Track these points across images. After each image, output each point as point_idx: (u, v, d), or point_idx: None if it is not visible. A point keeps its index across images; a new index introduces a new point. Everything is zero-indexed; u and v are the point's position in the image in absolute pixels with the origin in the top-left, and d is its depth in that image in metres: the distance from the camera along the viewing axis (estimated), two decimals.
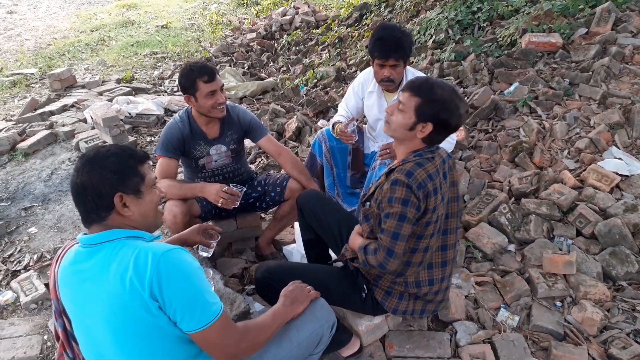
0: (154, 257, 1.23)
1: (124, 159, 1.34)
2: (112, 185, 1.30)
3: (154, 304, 1.22)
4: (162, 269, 1.22)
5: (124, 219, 1.34)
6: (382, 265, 1.68)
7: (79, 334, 1.37)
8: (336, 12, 7.82)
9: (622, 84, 3.32)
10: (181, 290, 1.24)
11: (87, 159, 1.32)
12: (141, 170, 1.36)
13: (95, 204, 1.30)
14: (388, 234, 1.65)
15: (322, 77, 5.24)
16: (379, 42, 2.40)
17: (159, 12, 9.91)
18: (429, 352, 1.96)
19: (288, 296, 1.64)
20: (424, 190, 1.61)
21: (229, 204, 2.29)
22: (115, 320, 1.24)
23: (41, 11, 10.53)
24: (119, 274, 1.22)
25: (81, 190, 1.30)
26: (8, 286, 2.70)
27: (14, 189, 3.69)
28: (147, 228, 1.41)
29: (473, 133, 3.34)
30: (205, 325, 1.26)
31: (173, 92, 5.69)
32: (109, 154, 1.32)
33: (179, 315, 1.24)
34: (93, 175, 1.29)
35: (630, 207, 2.41)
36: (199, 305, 1.26)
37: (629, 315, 2.06)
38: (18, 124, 4.62)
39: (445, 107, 1.60)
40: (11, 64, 7.00)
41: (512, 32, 4.13)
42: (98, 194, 1.29)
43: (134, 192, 1.34)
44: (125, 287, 1.21)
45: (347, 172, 2.86)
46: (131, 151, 1.37)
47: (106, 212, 1.32)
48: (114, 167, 1.31)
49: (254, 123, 2.57)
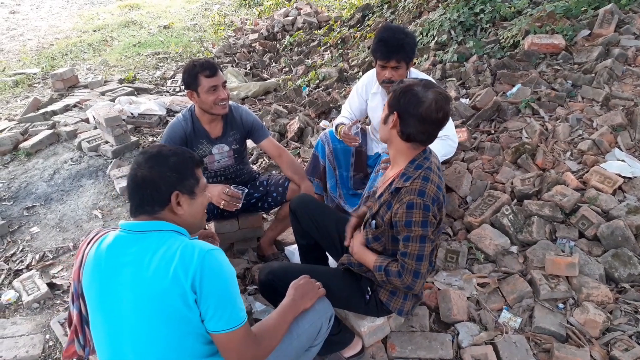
0: (200, 252, 1.29)
1: (184, 161, 1.42)
2: (171, 183, 1.37)
3: (192, 295, 1.27)
4: (207, 265, 1.28)
5: (175, 217, 1.40)
6: (410, 287, 1.71)
7: (96, 317, 1.39)
8: (338, 13, 7.82)
9: (625, 86, 3.32)
10: (219, 288, 1.29)
11: (150, 155, 1.39)
12: (197, 173, 1.45)
13: (152, 198, 1.37)
14: (412, 257, 1.67)
15: (325, 78, 5.24)
16: (381, 44, 2.39)
17: (161, 13, 9.91)
18: (431, 353, 1.96)
19: (299, 289, 1.67)
20: (438, 204, 1.64)
21: (231, 206, 2.30)
22: (150, 307, 1.28)
23: (44, 11, 10.55)
24: (164, 261, 1.27)
25: (140, 183, 1.36)
26: (10, 285, 2.71)
27: (16, 189, 3.70)
28: (191, 228, 1.47)
29: (475, 134, 3.34)
30: (231, 328, 1.31)
31: (175, 93, 5.70)
32: (171, 154, 1.40)
33: (210, 311, 1.29)
34: (155, 171, 1.36)
35: (633, 209, 2.41)
36: (230, 307, 1.31)
37: (631, 317, 2.05)
38: (20, 123, 4.63)
39: (406, 95, 1.61)
40: (14, 63, 7.01)
41: (514, 34, 4.13)
42: (157, 189, 1.36)
43: (189, 193, 1.41)
44: (169, 275, 1.26)
45: (350, 173, 2.86)
46: (190, 154, 1.46)
47: (160, 207, 1.38)
48: (175, 166, 1.39)
49: (256, 124, 2.58)
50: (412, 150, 1.70)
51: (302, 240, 2.25)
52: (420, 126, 1.62)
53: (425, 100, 1.58)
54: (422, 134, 1.65)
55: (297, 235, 2.27)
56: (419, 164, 1.68)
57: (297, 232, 2.25)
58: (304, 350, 1.66)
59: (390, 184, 1.74)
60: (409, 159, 1.70)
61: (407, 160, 1.71)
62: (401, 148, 1.71)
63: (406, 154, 1.71)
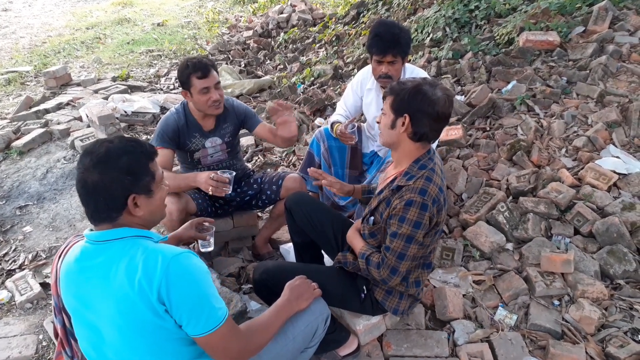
0: (163, 261, 1.21)
1: (137, 158, 1.29)
2: (125, 187, 1.26)
3: (161, 307, 1.21)
4: (172, 273, 1.20)
5: (134, 218, 1.31)
6: (385, 281, 1.74)
7: (79, 331, 1.36)
8: (333, 10, 7.80)
9: (619, 83, 3.32)
10: (188, 295, 1.23)
11: (98, 158, 1.24)
12: (152, 168, 1.33)
13: (106, 205, 1.26)
14: (394, 254, 1.67)
15: (319, 75, 5.22)
16: (377, 38, 2.38)
17: (154, 10, 9.86)
18: (427, 351, 1.96)
19: (294, 290, 1.65)
20: (438, 205, 1.64)
21: (219, 191, 2.19)
22: (121, 319, 1.23)
23: (36, 9, 10.46)
24: (128, 273, 1.21)
25: (92, 190, 1.25)
26: (3, 285, 2.68)
27: (8, 188, 3.67)
28: (153, 223, 1.40)
29: (471, 131, 3.34)
30: (210, 330, 1.26)
31: (169, 90, 5.67)
32: (121, 153, 1.27)
33: (184, 319, 1.24)
34: (106, 176, 1.24)
35: (628, 205, 2.41)
36: (205, 310, 1.25)
37: (626, 313, 2.06)
38: (13, 122, 4.60)
39: (416, 96, 1.61)
40: (6, 61, 6.95)
41: (509, 31, 4.12)
42: (110, 196, 1.25)
43: (146, 192, 1.31)
44: (134, 288, 1.20)
45: (345, 171, 2.85)
46: (141, 147, 1.32)
47: (117, 212, 1.28)
48: (128, 167, 1.26)
49: (248, 112, 2.58)
50: (420, 150, 1.71)
51: (297, 238, 2.24)
52: (434, 124, 1.65)
53: (438, 98, 1.61)
54: (435, 132, 1.68)
55: (292, 233, 2.25)
56: (423, 164, 1.69)
57: (292, 230, 2.23)
58: (300, 352, 1.64)
59: (392, 181, 1.73)
60: (413, 159, 1.71)
61: (412, 160, 1.71)
62: (410, 149, 1.71)
63: (413, 154, 1.71)
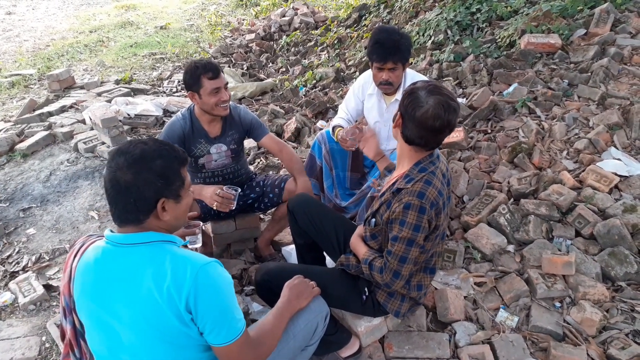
0: (192, 270, 1.22)
1: (170, 163, 1.29)
2: (157, 190, 1.26)
3: (188, 315, 1.23)
4: (200, 283, 1.22)
5: (160, 222, 1.31)
6: (388, 285, 1.74)
7: (91, 332, 1.35)
8: (335, 13, 7.83)
9: (620, 85, 3.32)
10: (215, 306, 1.25)
11: (133, 159, 1.24)
12: (183, 173, 1.33)
13: (136, 207, 1.26)
14: (395, 257, 1.68)
15: (321, 78, 5.24)
16: (377, 46, 2.38)
17: (157, 13, 9.90)
18: (428, 352, 1.96)
19: (293, 289, 1.66)
20: (436, 209, 1.63)
21: (224, 207, 2.26)
22: (145, 324, 1.24)
23: (40, 12, 10.52)
24: (156, 280, 1.22)
25: (123, 190, 1.24)
26: (6, 287, 2.70)
27: (12, 190, 3.69)
28: (175, 229, 1.40)
29: (472, 134, 3.34)
30: (230, 340, 1.28)
31: (172, 93, 5.69)
32: (156, 155, 1.27)
33: (207, 329, 1.26)
34: (139, 177, 1.23)
35: (629, 207, 2.41)
36: (227, 321, 1.28)
37: (628, 315, 2.06)
38: (16, 124, 4.62)
39: (408, 97, 1.60)
40: (10, 64, 6.99)
41: (511, 33, 4.13)
42: (141, 197, 1.25)
43: (175, 197, 1.31)
44: (163, 295, 1.21)
45: (346, 173, 2.86)
46: (175, 153, 1.32)
47: (145, 215, 1.28)
48: (162, 171, 1.26)
49: (255, 122, 2.58)
50: (415, 154, 1.69)
51: (299, 240, 2.25)
52: (417, 131, 1.59)
53: (424, 105, 1.54)
54: (419, 139, 1.62)
55: (295, 235, 2.26)
56: (424, 167, 1.68)
57: (295, 231, 2.24)
58: (300, 350, 1.66)
59: (393, 184, 1.74)
60: (413, 162, 1.70)
61: (412, 162, 1.70)
62: (404, 149, 1.71)
63: (410, 156, 1.70)
